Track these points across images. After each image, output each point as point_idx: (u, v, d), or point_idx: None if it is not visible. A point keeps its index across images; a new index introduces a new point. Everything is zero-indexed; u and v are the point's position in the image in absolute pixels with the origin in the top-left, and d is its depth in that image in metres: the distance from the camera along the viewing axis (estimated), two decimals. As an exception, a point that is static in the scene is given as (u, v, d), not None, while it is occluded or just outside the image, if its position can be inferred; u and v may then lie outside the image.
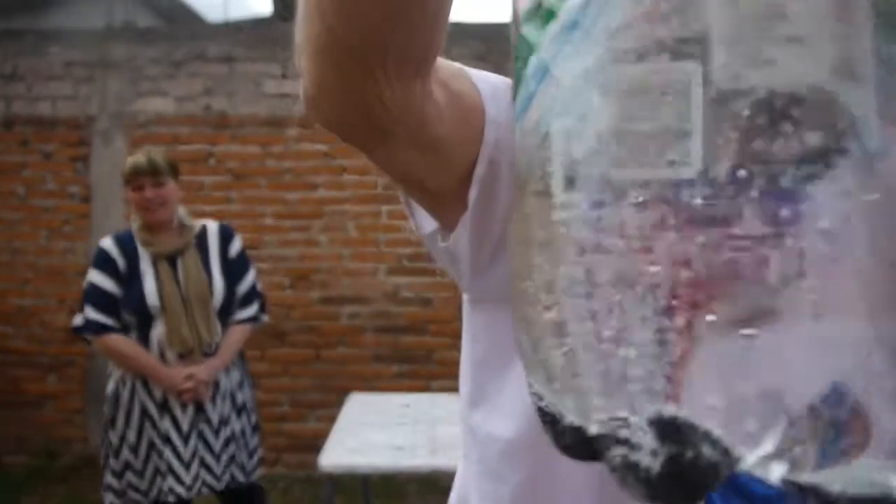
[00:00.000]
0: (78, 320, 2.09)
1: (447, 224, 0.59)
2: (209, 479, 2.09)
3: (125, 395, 2.06)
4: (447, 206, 0.57)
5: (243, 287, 2.18)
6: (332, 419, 2.54)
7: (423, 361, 3.64)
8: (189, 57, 3.66)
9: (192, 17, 6.62)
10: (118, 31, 3.89)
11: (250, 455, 2.20)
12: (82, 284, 2.11)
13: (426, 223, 0.62)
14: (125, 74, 3.67)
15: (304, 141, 3.65)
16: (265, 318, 2.28)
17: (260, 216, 3.65)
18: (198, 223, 2.18)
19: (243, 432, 2.17)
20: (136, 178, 2.04)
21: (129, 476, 2.06)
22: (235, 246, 2.20)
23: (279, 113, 3.65)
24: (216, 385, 2.10)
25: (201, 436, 2.07)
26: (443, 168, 0.54)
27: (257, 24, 3.97)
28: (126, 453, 2.06)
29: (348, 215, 3.65)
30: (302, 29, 0.44)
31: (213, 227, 2.20)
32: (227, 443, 2.12)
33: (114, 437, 2.08)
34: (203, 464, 2.07)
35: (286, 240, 3.66)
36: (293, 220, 3.66)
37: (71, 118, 3.67)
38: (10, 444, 3.69)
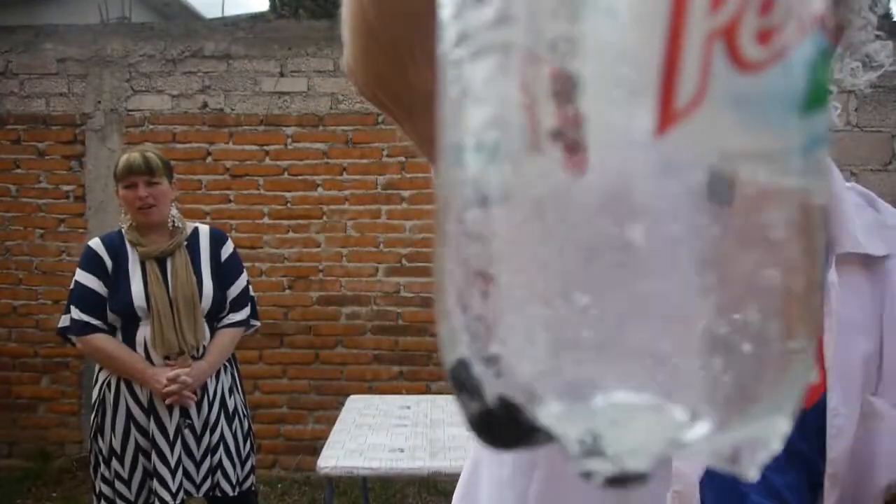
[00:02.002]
0: (63, 321, 2.05)
1: None
2: (188, 485, 2.04)
3: (110, 399, 2.02)
4: None
5: (234, 291, 2.14)
6: (330, 421, 2.50)
7: (422, 363, 3.60)
8: (185, 54, 3.62)
9: (189, 14, 6.58)
10: (113, 27, 3.85)
11: (242, 464, 2.14)
12: (75, 286, 2.07)
13: None
14: (120, 71, 3.63)
15: (302, 140, 3.61)
16: (256, 322, 2.24)
17: (258, 216, 3.62)
18: (190, 225, 2.14)
19: (234, 439, 2.12)
20: (130, 176, 1.99)
21: (118, 485, 2.02)
22: (227, 250, 2.16)
23: (277, 111, 3.61)
24: (203, 389, 2.05)
25: (184, 440, 2.02)
26: None
27: (255, 21, 3.93)
28: (115, 462, 2.02)
29: (347, 215, 3.61)
30: (345, 1, 0.45)
31: (204, 229, 2.16)
32: (211, 450, 2.06)
33: (103, 446, 2.03)
34: (183, 470, 2.02)
35: (284, 240, 3.62)
36: (291, 219, 3.62)
37: (65, 116, 3.63)
38: (4, 447, 3.64)
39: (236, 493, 2.09)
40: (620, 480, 0.17)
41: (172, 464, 2.00)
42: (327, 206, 3.62)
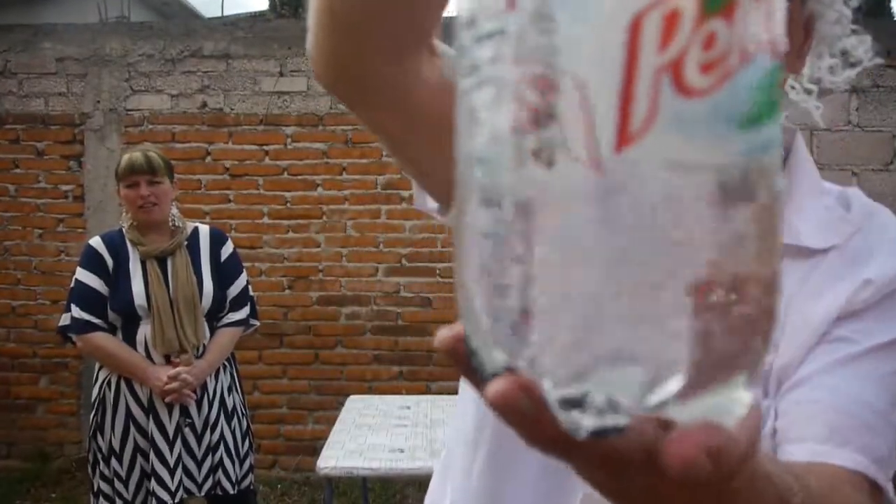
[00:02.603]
0: (64, 320, 2.06)
1: (438, 199, 0.59)
2: (189, 484, 2.04)
3: (110, 398, 2.02)
4: (433, 179, 0.56)
5: (234, 290, 2.15)
6: (330, 421, 2.49)
7: (422, 363, 3.59)
8: (185, 54, 3.62)
9: (188, 13, 6.58)
10: (112, 27, 3.84)
11: (240, 462, 2.14)
12: (74, 285, 2.07)
13: (422, 198, 0.62)
14: (119, 71, 3.62)
15: (302, 140, 3.60)
16: (256, 322, 2.25)
17: (258, 216, 3.61)
18: (190, 225, 2.15)
19: (233, 438, 2.12)
20: (132, 176, 2.00)
21: (117, 484, 2.02)
22: (227, 249, 2.17)
23: (276, 111, 3.60)
24: (202, 388, 2.05)
25: (184, 440, 2.03)
26: (430, 146, 0.52)
27: (254, 20, 3.92)
28: (114, 461, 2.02)
29: (347, 214, 3.61)
30: None
31: (204, 229, 2.17)
32: (212, 448, 2.07)
33: (102, 445, 2.03)
34: (184, 468, 2.02)
35: (284, 240, 3.62)
36: (291, 219, 3.61)
37: (64, 115, 3.62)
38: (2, 447, 3.63)
39: (236, 492, 2.10)
40: (601, 433, 0.21)
41: (171, 463, 2.00)
42: (327, 205, 3.61)
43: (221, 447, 2.08)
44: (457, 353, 0.23)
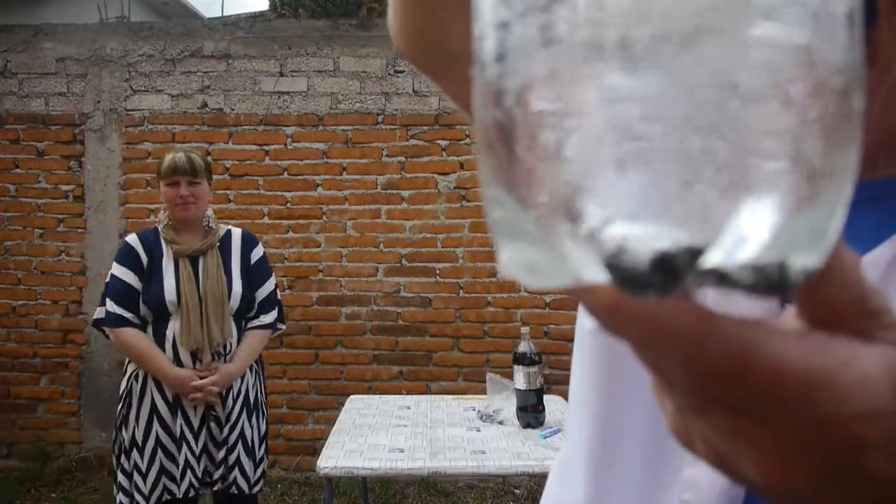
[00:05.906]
0: (98, 313, 2.13)
1: None
2: (205, 478, 2.09)
3: (137, 390, 2.07)
4: None
5: (262, 293, 2.21)
6: (330, 421, 2.50)
7: (422, 363, 3.59)
8: (185, 54, 3.62)
9: (188, 13, 6.58)
10: (112, 27, 3.84)
11: (256, 465, 2.18)
12: (77, 285, 2.09)
13: None
14: (119, 71, 3.62)
15: (302, 140, 3.61)
16: (283, 326, 2.31)
17: (258, 216, 3.61)
18: (223, 227, 2.22)
19: (252, 437, 2.16)
20: (174, 175, 2.08)
21: (136, 477, 2.06)
22: (257, 253, 2.24)
23: (276, 111, 3.60)
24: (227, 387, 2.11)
25: (209, 434, 2.09)
26: None
27: (254, 20, 3.92)
28: (135, 453, 2.06)
29: (347, 215, 3.61)
30: None
31: (237, 232, 2.24)
32: (230, 447, 2.10)
33: (125, 436, 2.08)
34: (202, 465, 2.08)
35: (284, 240, 3.62)
36: (291, 219, 3.62)
37: (64, 115, 3.62)
38: (2, 447, 3.63)
39: (249, 493, 2.14)
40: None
41: (191, 457, 2.05)
42: (327, 206, 3.61)
43: (240, 446, 2.12)
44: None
